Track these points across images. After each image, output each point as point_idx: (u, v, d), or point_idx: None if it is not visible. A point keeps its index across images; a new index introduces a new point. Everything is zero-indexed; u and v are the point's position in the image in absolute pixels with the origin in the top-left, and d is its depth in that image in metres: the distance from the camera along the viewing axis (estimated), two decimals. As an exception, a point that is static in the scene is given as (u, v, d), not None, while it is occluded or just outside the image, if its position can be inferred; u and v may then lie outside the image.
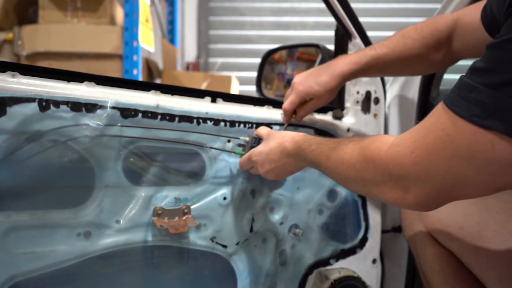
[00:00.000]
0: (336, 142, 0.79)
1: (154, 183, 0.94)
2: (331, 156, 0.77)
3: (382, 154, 0.64)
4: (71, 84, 0.85)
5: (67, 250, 0.86)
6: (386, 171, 0.63)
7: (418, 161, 0.59)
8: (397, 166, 0.61)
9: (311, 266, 1.17)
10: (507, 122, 0.50)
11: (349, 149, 0.73)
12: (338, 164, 0.74)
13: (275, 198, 1.08)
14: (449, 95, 0.58)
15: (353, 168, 0.70)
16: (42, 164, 0.83)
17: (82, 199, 0.87)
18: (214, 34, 4.59)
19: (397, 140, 0.64)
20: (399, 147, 0.62)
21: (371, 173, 0.66)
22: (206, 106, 0.99)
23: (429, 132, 0.59)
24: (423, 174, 0.59)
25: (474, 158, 0.54)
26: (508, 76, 0.50)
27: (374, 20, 4.34)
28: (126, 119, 0.89)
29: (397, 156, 0.62)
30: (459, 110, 0.55)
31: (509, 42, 0.51)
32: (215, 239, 1.01)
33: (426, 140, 0.59)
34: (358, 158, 0.69)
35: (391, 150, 0.63)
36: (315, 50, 1.51)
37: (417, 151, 0.59)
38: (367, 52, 1.04)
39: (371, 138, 0.70)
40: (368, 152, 0.67)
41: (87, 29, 2.57)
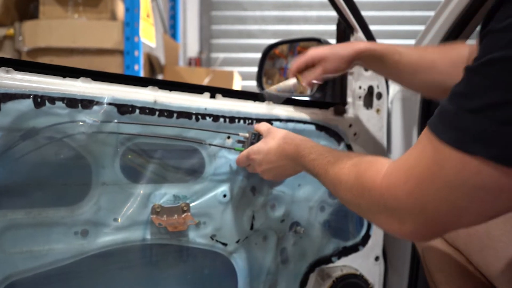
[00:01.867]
0: (336, 156, 0.79)
1: (153, 181, 0.93)
2: (329, 172, 0.77)
3: (377, 184, 0.63)
4: (66, 80, 0.84)
5: (64, 248, 0.85)
6: (381, 202, 0.62)
7: (412, 192, 0.58)
8: (391, 198, 0.61)
9: (313, 264, 1.15)
10: (489, 147, 0.50)
11: (347, 169, 0.72)
12: (336, 184, 0.74)
13: (276, 195, 1.07)
14: (433, 120, 0.58)
15: (349, 191, 0.70)
16: (38, 161, 0.81)
17: (79, 197, 0.86)
18: (216, 29, 4.57)
19: (390, 169, 0.63)
20: (393, 177, 0.61)
21: (367, 202, 0.66)
22: (205, 102, 0.98)
23: (420, 161, 0.58)
24: (417, 206, 0.58)
25: (463, 186, 0.53)
26: (487, 100, 0.50)
27: (378, 14, 4.31)
28: (123, 115, 0.87)
29: (391, 188, 0.61)
30: (444, 137, 0.54)
31: (484, 65, 0.51)
32: (215, 237, 1.00)
33: (417, 169, 0.58)
34: (355, 183, 0.68)
35: (386, 181, 0.62)
36: (316, 44, 1.48)
37: (410, 182, 0.58)
38: (388, 44, 1.01)
39: (367, 162, 0.69)
40: (364, 179, 0.66)
41: (88, 25, 2.56)
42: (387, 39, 4.13)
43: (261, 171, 0.93)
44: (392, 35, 4.26)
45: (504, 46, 0.48)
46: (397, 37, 4.28)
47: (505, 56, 0.48)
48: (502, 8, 0.50)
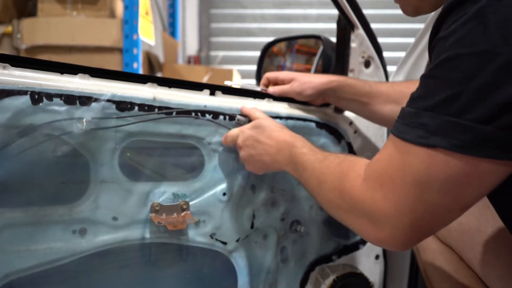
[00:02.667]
0: (325, 155, 0.78)
1: (152, 179, 0.92)
2: (316, 169, 0.76)
3: (357, 188, 0.64)
4: (64, 76, 0.82)
5: (62, 247, 0.84)
6: (360, 206, 0.63)
7: (387, 195, 0.59)
8: (370, 202, 0.61)
9: (313, 263, 1.14)
10: (448, 139, 0.53)
11: (332, 168, 0.72)
12: (321, 181, 0.73)
13: (276, 194, 1.06)
14: (395, 125, 0.60)
15: (332, 192, 0.69)
16: (35, 159, 0.80)
17: (77, 195, 0.85)
18: (216, 27, 4.56)
19: (366, 173, 0.63)
20: (370, 181, 0.62)
21: (347, 205, 0.66)
22: (205, 99, 0.97)
23: (389, 163, 0.60)
24: (394, 208, 0.59)
25: (434, 180, 0.55)
26: (440, 97, 0.54)
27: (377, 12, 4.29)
28: (122, 112, 0.86)
29: (370, 192, 0.61)
30: (406, 136, 0.57)
31: (434, 69, 0.56)
32: (215, 236, 0.99)
33: (389, 171, 0.59)
34: (338, 185, 0.68)
35: (364, 186, 0.63)
36: (315, 42, 1.47)
37: (385, 185, 0.59)
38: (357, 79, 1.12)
39: (350, 162, 0.69)
40: (345, 182, 0.66)
41: (86, 22, 2.54)
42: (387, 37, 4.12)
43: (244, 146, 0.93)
44: (391, 33, 4.25)
45: (448, 48, 0.54)
46: (396, 35, 4.26)
47: (449, 56, 0.53)
48: (446, 19, 0.55)
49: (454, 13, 0.54)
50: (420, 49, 1.30)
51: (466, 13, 0.52)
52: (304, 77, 1.07)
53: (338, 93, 1.06)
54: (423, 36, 1.29)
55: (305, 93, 1.06)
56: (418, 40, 1.31)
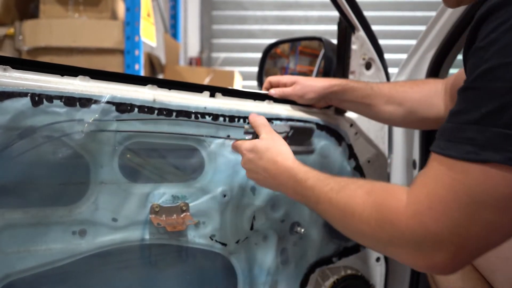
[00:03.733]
0: (338, 183, 0.72)
1: (151, 180, 0.92)
2: (334, 201, 0.70)
3: (401, 214, 0.58)
4: (64, 78, 0.83)
5: (62, 248, 0.84)
6: (406, 233, 0.58)
7: (439, 217, 0.54)
8: (418, 227, 0.56)
9: (313, 265, 1.14)
10: (501, 152, 0.50)
11: (359, 199, 0.66)
12: (347, 215, 0.67)
13: (276, 195, 1.06)
14: (436, 143, 0.57)
15: (366, 224, 0.63)
16: (35, 160, 0.80)
17: (77, 197, 0.85)
18: (217, 29, 4.56)
19: (410, 196, 0.59)
20: (415, 204, 0.57)
21: (388, 234, 0.60)
22: (205, 100, 0.97)
23: (438, 183, 0.55)
24: (447, 231, 0.54)
25: (489, 197, 0.52)
26: (485, 109, 0.51)
27: (379, 14, 4.29)
28: (122, 114, 0.86)
29: (418, 216, 0.56)
30: (452, 152, 0.54)
31: (474, 81, 0.53)
32: (215, 237, 0.99)
33: (438, 192, 0.55)
34: (373, 214, 0.62)
35: (409, 209, 0.58)
36: (318, 44, 1.47)
37: (435, 206, 0.55)
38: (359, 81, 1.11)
39: (384, 190, 0.64)
40: (385, 210, 0.61)
41: (88, 24, 2.55)
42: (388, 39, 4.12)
43: (246, 169, 0.90)
44: (393, 35, 4.25)
45: (489, 58, 0.51)
46: (398, 37, 4.26)
47: (491, 66, 0.51)
48: (482, 27, 0.54)
49: (491, 19, 0.52)
50: (421, 51, 1.30)
51: (507, 19, 0.50)
52: (306, 80, 1.07)
53: (340, 96, 1.06)
54: (424, 38, 1.29)
55: (306, 97, 1.06)
56: (420, 42, 1.31)
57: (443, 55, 1.26)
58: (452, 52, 1.25)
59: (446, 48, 1.24)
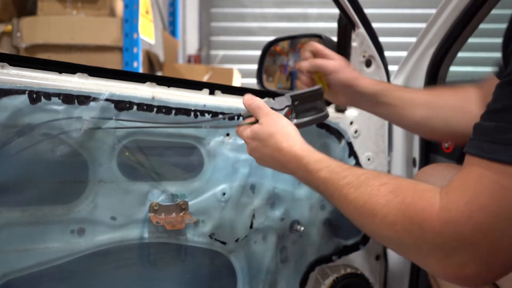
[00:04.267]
0: (357, 176, 0.65)
1: (150, 178, 0.91)
2: (352, 199, 0.64)
3: (434, 220, 0.53)
4: (63, 75, 0.82)
5: (60, 247, 0.83)
6: (438, 241, 0.53)
7: (480, 227, 0.49)
8: (453, 235, 0.51)
9: (313, 263, 1.14)
10: None
11: (382, 198, 0.59)
12: (367, 215, 0.61)
13: (276, 194, 1.05)
14: (474, 144, 0.52)
15: (391, 227, 0.58)
16: (34, 158, 0.80)
17: (76, 195, 0.84)
18: (216, 26, 4.55)
19: (445, 201, 0.53)
20: (453, 211, 0.51)
21: (417, 240, 0.55)
22: (204, 98, 0.96)
23: (480, 189, 0.50)
24: (487, 243, 0.49)
25: None
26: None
27: (378, 12, 4.28)
28: (120, 111, 0.85)
29: (453, 224, 0.51)
30: (499, 156, 0.48)
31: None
32: (214, 236, 0.98)
33: (481, 199, 0.49)
34: (400, 217, 0.56)
35: (444, 216, 0.52)
36: (317, 41, 1.47)
37: (476, 215, 0.49)
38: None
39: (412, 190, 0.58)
40: (413, 213, 0.55)
41: (86, 21, 2.54)
42: (387, 36, 4.10)
43: (253, 157, 0.85)
44: (392, 32, 4.24)
45: None
46: (397, 35, 4.25)
47: None
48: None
49: None
50: (422, 49, 1.30)
51: None
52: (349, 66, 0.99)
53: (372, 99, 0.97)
54: (424, 36, 1.28)
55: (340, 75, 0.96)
56: (420, 40, 1.30)
57: (443, 53, 1.25)
58: (452, 49, 1.24)
59: (446, 46, 1.23)
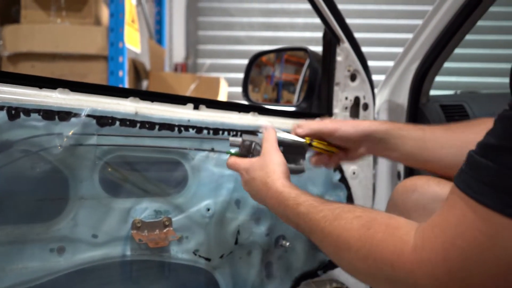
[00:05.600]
0: (332, 209, 0.65)
1: (133, 194, 0.90)
2: (327, 232, 0.63)
3: (405, 259, 0.51)
4: (43, 91, 0.80)
5: (39, 266, 0.81)
6: (409, 280, 0.50)
7: (455, 272, 0.47)
8: (425, 276, 0.49)
9: (298, 278, 1.13)
10: None
11: (356, 232, 0.58)
12: (342, 249, 0.60)
13: (261, 209, 1.04)
14: (463, 178, 0.48)
15: (363, 261, 0.56)
16: (12, 175, 0.77)
17: (55, 213, 0.82)
18: (203, 35, 4.55)
19: (420, 240, 0.51)
20: (427, 251, 0.49)
21: (389, 277, 0.53)
22: (188, 113, 0.95)
23: (460, 232, 0.47)
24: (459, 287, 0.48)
25: None
26: None
27: (364, 22, 4.33)
28: (102, 127, 0.84)
29: (427, 265, 0.49)
30: (487, 201, 0.44)
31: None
32: (198, 252, 0.97)
33: (459, 243, 0.46)
34: (371, 252, 0.55)
35: (417, 256, 0.50)
36: (302, 54, 1.47)
37: (452, 259, 0.47)
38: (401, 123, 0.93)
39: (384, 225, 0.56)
40: (384, 251, 0.53)
41: (71, 30, 2.51)
42: (373, 46, 4.16)
43: (245, 189, 0.87)
44: (377, 43, 4.29)
45: None
46: (383, 44, 4.31)
47: None
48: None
49: None
50: (406, 62, 1.31)
51: None
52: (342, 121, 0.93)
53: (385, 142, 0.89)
54: (410, 48, 1.30)
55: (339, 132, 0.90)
56: (405, 52, 1.32)
57: (428, 65, 1.26)
58: (437, 61, 1.26)
59: (431, 58, 1.24)
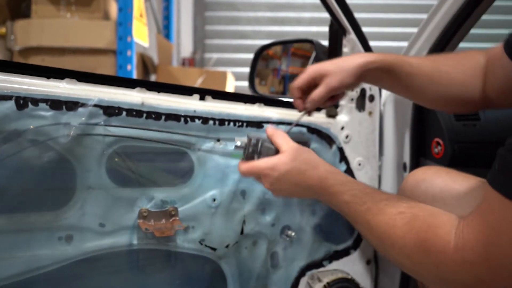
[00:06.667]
0: (376, 202, 0.66)
1: (140, 184, 0.91)
2: (373, 226, 0.65)
3: (449, 257, 0.52)
4: (51, 81, 0.81)
5: (48, 254, 0.83)
6: (453, 279, 0.53)
7: (496, 270, 0.48)
8: (468, 275, 0.51)
9: (304, 268, 1.13)
10: None
11: (399, 229, 0.60)
12: (387, 245, 0.62)
13: (267, 199, 1.05)
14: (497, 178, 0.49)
15: (408, 259, 0.59)
16: (20, 165, 0.79)
17: (63, 202, 0.84)
18: (210, 30, 4.55)
19: (461, 241, 0.52)
20: (468, 251, 0.51)
21: (433, 273, 0.55)
22: (194, 104, 0.96)
23: (500, 231, 0.48)
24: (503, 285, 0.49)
25: None
26: None
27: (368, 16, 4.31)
28: (109, 117, 0.85)
29: (469, 265, 0.50)
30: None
31: None
32: (204, 242, 0.98)
33: (501, 243, 0.48)
34: (415, 252, 0.57)
35: (459, 256, 0.51)
36: (310, 46, 1.47)
37: (494, 259, 0.48)
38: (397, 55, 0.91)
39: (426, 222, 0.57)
40: (427, 249, 0.55)
41: (80, 24, 2.53)
42: (379, 41, 4.13)
43: (272, 189, 0.83)
44: (383, 37, 4.26)
45: None
46: (388, 39, 4.28)
47: None
48: None
49: None
50: (414, 52, 1.30)
51: None
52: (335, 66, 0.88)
53: (378, 75, 0.88)
54: (416, 41, 1.29)
55: (344, 84, 0.87)
56: (410, 45, 1.31)
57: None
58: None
59: (438, 50, 1.24)
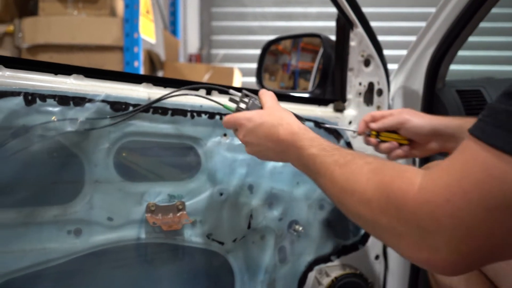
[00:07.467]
0: (344, 156, 0.65)
1: (147, 179, 0.91)
2: (336, 175, 0.63)
3: (409, 198, 0.51)
4: (58, 77, 0.82)
5: (57, 248, 0.83)
6: (412, 221, 0.50)
7: (456, 212, 0.46)
8: (427, 217, 0.49)
9: (312, 263, 1.13)
10: None
11: (363, 176, 0.59)
12: (347, 192, 0.60)
13: (274, 193, 1.05)
14: (479, 125, 0.48)
15: (367, 205, 0.56)
16: (29, 160, 0.79)
17: (72, 196, 0.84)
18: (217, 25, 4.55)
19: (426, 181, 0.51)
20: (431, 192, 0.49)
21: (391, 219, 0.53)
22: (201, 98, 0.96)
23: (466, 173, 0.47)
24: (462, 231, 0.47)
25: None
26: None
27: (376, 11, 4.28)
28: (116, 112, 0.85)
29: (429, 205, 0.49)
30: (502, 144, 0.44)
31: None
32: (211, 236, 0.98)
33: (464, 184, 0.46)
34: (376, 194, 0.55)
35: (421, 196, 0.50)
36: (318, 40, 1.46)
37: (455, 200, 0.47)
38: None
39: (393, 170, 0.56)
40: (390, 191, 0.53)
41: (87, 21, 2.54)
42: (386, 35, 4.10)
43: (244, 141, 0.82)
44: (390, 31, 4.23)
45: None
46: (396, 33, 4.25)
47: None
48: None
49: None
50: (421, 48, 1.29)
51: None
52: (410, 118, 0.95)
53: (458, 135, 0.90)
54: (424, 34, 1.28)
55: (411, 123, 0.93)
56: (419, 38, 1.30)
57: (443, 52, 1.24)
58: (452, 48, 1.23)
59: (446, 45, 1.22)
